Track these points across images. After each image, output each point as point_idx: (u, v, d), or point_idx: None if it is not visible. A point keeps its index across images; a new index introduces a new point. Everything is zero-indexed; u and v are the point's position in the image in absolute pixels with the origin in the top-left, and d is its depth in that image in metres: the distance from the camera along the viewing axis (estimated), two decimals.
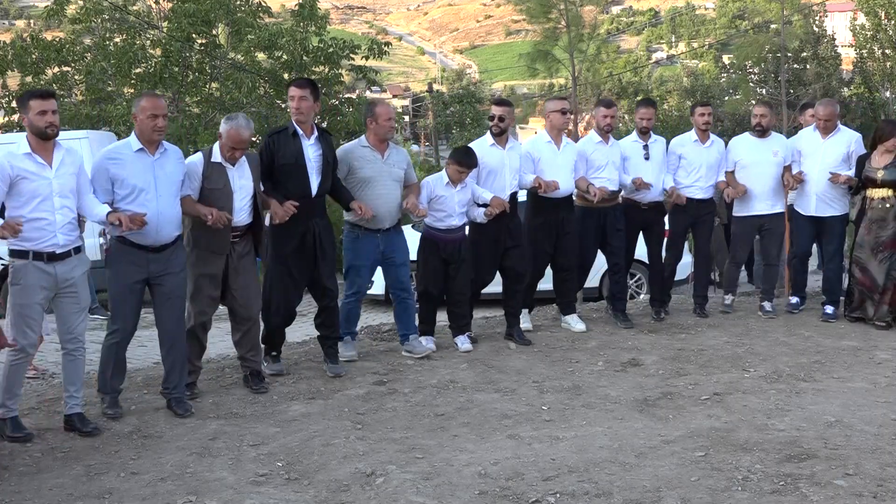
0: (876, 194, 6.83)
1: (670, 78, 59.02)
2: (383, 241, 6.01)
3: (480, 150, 6.40)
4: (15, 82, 18.08)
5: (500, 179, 6.41)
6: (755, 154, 7.30)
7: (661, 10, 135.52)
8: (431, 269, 6.24)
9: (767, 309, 7.43)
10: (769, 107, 7.68)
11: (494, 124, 6.46)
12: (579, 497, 3.65)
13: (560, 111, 6.75)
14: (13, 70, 17.61)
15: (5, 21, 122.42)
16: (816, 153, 7.18)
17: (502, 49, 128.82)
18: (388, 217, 5.99)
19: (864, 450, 4.12)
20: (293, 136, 5.47)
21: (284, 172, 5.43)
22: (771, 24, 31.14)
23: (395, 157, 6.04)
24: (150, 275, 4.79)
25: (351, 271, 6.08)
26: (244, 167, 5.19)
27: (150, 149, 4.75)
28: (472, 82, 68.89)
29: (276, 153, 5.44)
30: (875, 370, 5.61)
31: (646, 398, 5.07)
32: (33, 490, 3.85)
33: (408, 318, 6.26)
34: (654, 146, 7.21)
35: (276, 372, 5.70)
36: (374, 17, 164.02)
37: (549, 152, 6.70)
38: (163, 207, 4.72)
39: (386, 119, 5.95)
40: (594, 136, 7.07)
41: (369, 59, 19.31)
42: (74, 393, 4.65)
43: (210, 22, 17.74)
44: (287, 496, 3.74)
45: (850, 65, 29.91)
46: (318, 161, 5.51)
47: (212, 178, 5.05)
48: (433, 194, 6.14)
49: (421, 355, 6.11)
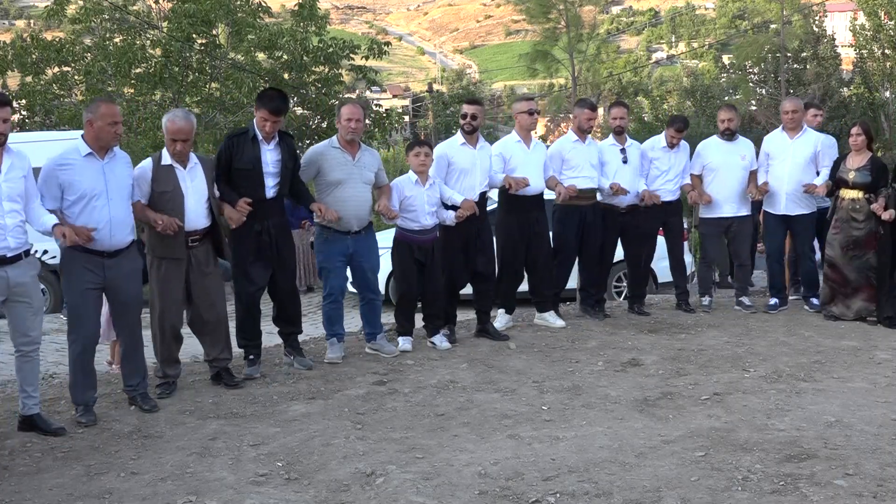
0: (847, 195, 7.08)
1: (670, 78, 59.03)
2: (353, 244, 5.96)
3: (451, 149, 6.41)
4: (15, 82, 18.08)
5: (471, 179, 6.43)
6: (723, 157, 7.55)
7: (661, 10, 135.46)
8: (407, 271, 6.25)
9: (747, 304, 7.66)
10: (735, 110, 7.97)
11: (466, 122, 6.46)
12: (579, 497, 3.65)
13: (527, 111, 6.78)
14: (13, 70, 17.60)
15: (5, 21, 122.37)
16: (785, 154, 7.49)
17: (502, 49, 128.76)
18: (358, 220, 5.94)
19: (864, 450, 4.12)
20: (253, 140, 5.45)
21: (240, 176, 5.42)
22: (771, 24, 31.16)
23: (366, 158, 5.97)
24: (106, 280, 4.74)
25: (323, 273, 6.08)
26: (197, 170, 5.15)
27: (100, 153, 4.72)
28: (472, 82, 68.89)
29: (233, 156, 5.43)
30: (875, 370, 5.62)
31: (646, 398, 5.07)
32: (33, 490, 3.85)
33: (374, 318, 6.23)
34: (630, 150, 7.34)
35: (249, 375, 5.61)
36: (374, 17, 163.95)
37: (520, 152, 6.74)
38: (115, 212, 4.70)
39: (346, 119, 5.84)
40: (571, 135, 7.15)
41: (369, 59, 19.29)
42: (32, 393, 4.57)
43: (210, 22, 17.71)
44: (287, 496, 3.74)
45: (850, 65, 29.88)
46: (276, 166, 5.50)
47: (161, 180, 5.01)
48: (403, 195, 6.12)
49: (391, 355, 6.09)
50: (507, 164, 6.67)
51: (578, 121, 7.10)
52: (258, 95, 5.68)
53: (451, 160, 6.39)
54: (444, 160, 6.40)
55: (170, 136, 5.03)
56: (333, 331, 6.10)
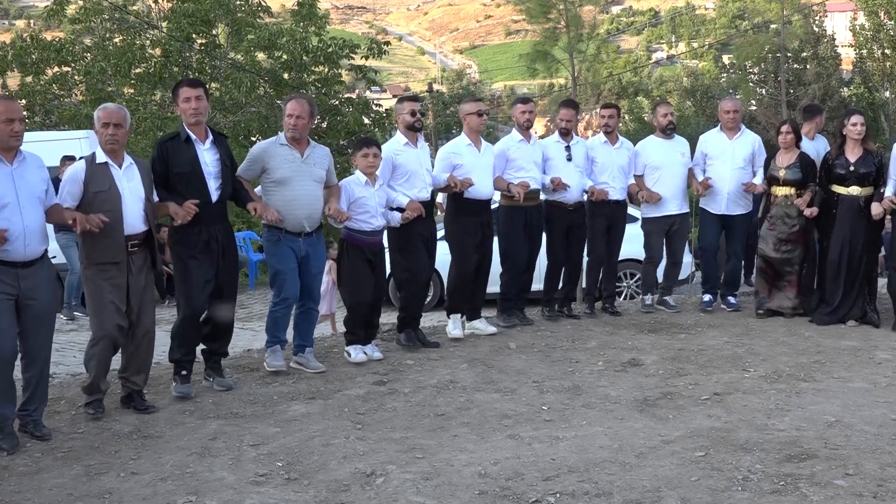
0: (779, 192, 7.22)
1: (670, 78, 59.09)
2: (304, 246, 5.67)
3: (394, 150, 6.21)
4: (15, 82, 18.10)
5: (419, 179, 6.23)
6: (664, 156, 7.59)
7: (661, 10, 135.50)
8: (361, 274, 5.95)
9: (671, 304, 7.74)
10: (671, 105, 8.14)
11: (417, 120, 6.26)
12: (579, 497, 3.65)
13: (476, 113, 6.62)
14: (13, 70, 17.62)
15: (5, 21, 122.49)
16: (725, 154, 7.57)
17: (502, 49, 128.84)
18: (309, 220, 5.64)
19: (864, 450, 4.12)
20: (186, 142, 5.12)
21: (181, 181, 5.10)
22: (771, 24, 31.12)
23: (315, 155, 5.69)
24: (20, 292, 4.36)
25: (276, 277, 5.71)
26: (133, 170, 4.86)
27: (7, 157, 4.33)
28: (472, 82, 68.95)
29: (169, 161, 5.10)
30: (875, 370, 5.61)
31: (646, 398, 5.07)
32: (33, 490, 3.85)
33: (308, 329, 5.91)
34: (575, 148, 7.24)
35: (184, 395, 5.22)
36: (374, 17, 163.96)
37: (471, 155, 6.56)
38: (28, 220, 4.34)
39: (288, 115, 5.58)
40: (515, 134, 7.01)
41: (369, 59, 19.32)
42: None
43: (210, 22, 17.75)
44: (287, 496, 3.74)
45: (850, 65, 29.91)
46: (216, 166, 5.20)
47: (95, 179, 4.71)
48: (353, 197, 5.87)
49: (315, 371, 5.74)
50: (455, 167, 6.46)
51: (515, 117, 6.97)
52: (172, 91, 5.36)
53: (395, 161, 6.16)
54: (388, 162, 6.11)
55: (101, 123, 4.73)
56: (278, 337, 5.78)
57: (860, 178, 6.85)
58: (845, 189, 6.90)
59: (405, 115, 6.31)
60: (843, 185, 6.91)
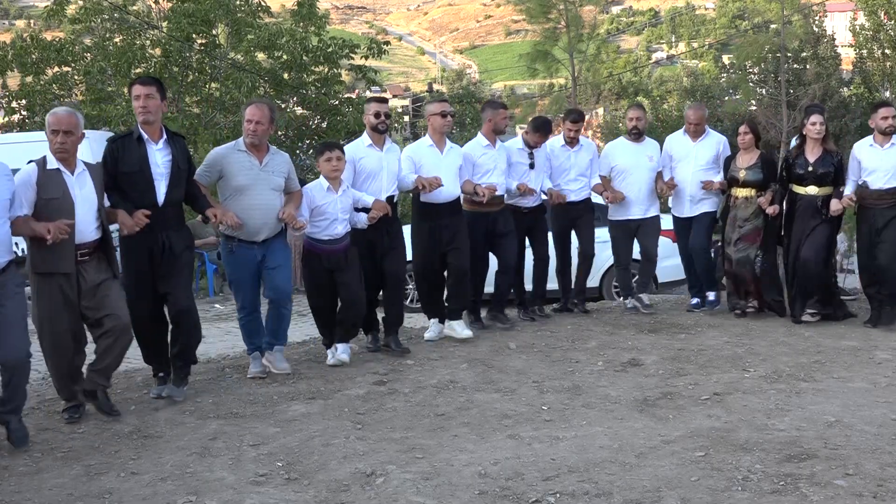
0: (740, 193, 7.22)
1: (670, 78, 59.01)
2: (262, 251, 5.56)
3: (357, 152, 6.12)
4: (15, 82, 18.07)
5: (378, 182, 6.13)
6: (631, 158, 7.59)
7: (661, 10, 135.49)
8: (319, 282, 5.90)
9: (645, 302, 7.74)
10: (643, 109, 8.04)
11: (381, 122, 6.14)
12: (579, 497, 3.65)
13: (440, 114, 6.50)
14: (13, 70, 17.60)
15: (5, 21, 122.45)
16: (688, 157, 7.56)
17: (502, 49, 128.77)
18: (266, 228, 5.52)
19: (864, 450, 4.12)
20: (138, 141, 4.98)
21: (128, 181, 4.94)
22: (771, 24, 31.09)
23: (274, 163, 5.55)
24: None
25: (234, 286, 5.72)
26: (85, 176, 4.70)
27: None
28: (472, 82, 68.89)
29: (118, 160, 4.95)
30: (875, 370, 5.61)
31: (646, 398, 5.07)
32: (33, 490, 3.85)
33: (279, 328, 5.81)
34: (538, 153, 7.24)
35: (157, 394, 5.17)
36: (374, 17, 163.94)
37: (432, 156, 6.48)
38: None
39: (247, 120, 5.43)
40: (482, 139, 6.93)
41: (369, 59, 19.29)
42: None
43: (210, 22, 17.71)
44: (287, 496, 3.74)
45: (850, 65, 29.88)
46: (167, 167, 5.01)
47: (48, 186, 4.52)
48: (314, 203, 5.75)
49: (281, 371, 5.70)
50: (418, 168, 6.37)
51: (494, 122, 6.87)
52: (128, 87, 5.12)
53: (357, 163, 6.07)
54: (350, 164, 6.00)
55: (50, 130, 4.55)
56: (254, 344, 5.75)
57: (818, 178, 6.86)
58: (804, 189, 6.92)
59: (370, 116, 6.20)
60: (802, 184, 6.93)
